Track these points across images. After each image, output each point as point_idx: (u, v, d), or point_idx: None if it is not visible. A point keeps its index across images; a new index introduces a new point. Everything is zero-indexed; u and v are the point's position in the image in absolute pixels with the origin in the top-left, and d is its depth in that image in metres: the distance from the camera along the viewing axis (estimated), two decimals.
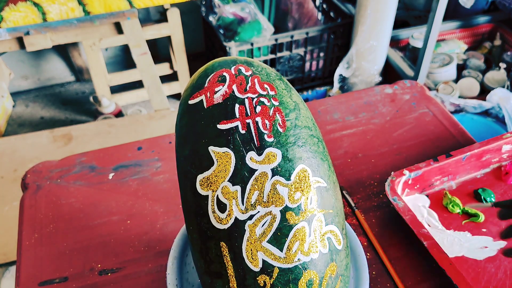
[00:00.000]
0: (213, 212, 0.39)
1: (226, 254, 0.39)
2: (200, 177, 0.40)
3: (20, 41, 1.38)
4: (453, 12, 2.03)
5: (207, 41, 2.07)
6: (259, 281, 0.39)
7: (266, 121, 0.41)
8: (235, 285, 0.39)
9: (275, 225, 0.39)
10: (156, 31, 1.83)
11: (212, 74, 0.43)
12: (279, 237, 0.39)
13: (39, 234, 0.67)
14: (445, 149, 0.79)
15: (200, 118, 0.41)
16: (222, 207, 0.39)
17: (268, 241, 0.39)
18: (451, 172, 0.72)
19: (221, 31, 1.71)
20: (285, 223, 0.39)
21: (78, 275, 0.62)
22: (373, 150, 0.80)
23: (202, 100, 0.42)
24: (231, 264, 0.39)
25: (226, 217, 0.39)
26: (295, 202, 0.40)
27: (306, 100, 1.90)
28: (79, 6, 1.34)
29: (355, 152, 0.80)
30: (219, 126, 0.41)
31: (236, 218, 0.39)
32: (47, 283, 0.61)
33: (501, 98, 1.51)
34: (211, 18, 1.73)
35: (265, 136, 0.41)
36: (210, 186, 0.39)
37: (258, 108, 0.42)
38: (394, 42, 1.91)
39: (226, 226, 0.39)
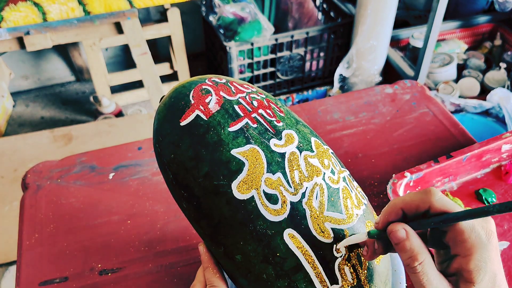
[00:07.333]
0: (266, 207, 0.38)
1: (296, 241, 0.38)
2: (235, 183, 0.38)
3: (20, 41, 1.38)
4: (453, 12, 2.03)
5: (207, 41, 2.07)
6: (337, 251, 0.39)
7: (268, 111, 0.43)
8: (318, 267, 0.38)
9: (326, 192, 0.40)
10: (156, 31, 1.83)
11: (192, 91, 0.42)
12: (334, 202, 0.41)
13: (39, 234, 0.67)
14: (445, 149, 0.79)
15: (205, 131, 0.40)
16: (272, 198, 0.38)
17: (327, 210, 0.40)
18: (452, 173, 0.72)
19: (221, 31, 1.70)
20: (331, 187, 0.41)
21: (78, 275, 0.62)
22: (373, 150, 0.80)
23: (198, 115, 0.41)
24: (305, 248, 0.38)
25: (282, 206, 0.38)
26: (327, 167, 0.42)
27: (306, 100, 1.90)
28: (79, 6, 1.34)
29: (355, 152, 0.80)
30: (231, 129, 0.40)
31: (291, 202, 0.39)
32: (47, 283, 0.61)
33: (501, 98, 1.51)
34: (211, 18, 1.73)
35: (275, 122, 0.42)
36: (251, 185, 0.38)
37: (255, 103, 0.43)
38: (394, 42, 1.91)
39: (285, 215, 0.38)
